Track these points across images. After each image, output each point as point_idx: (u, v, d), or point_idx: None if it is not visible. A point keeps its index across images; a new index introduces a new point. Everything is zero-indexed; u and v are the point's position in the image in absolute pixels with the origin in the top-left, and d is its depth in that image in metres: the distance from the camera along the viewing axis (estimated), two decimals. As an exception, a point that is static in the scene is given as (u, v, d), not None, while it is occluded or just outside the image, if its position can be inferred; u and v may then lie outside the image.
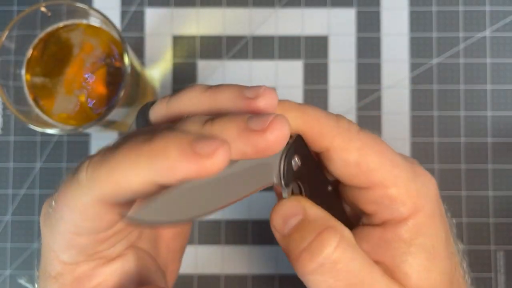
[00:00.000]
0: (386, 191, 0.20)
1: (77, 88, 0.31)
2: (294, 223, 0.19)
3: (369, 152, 0.20)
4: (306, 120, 0.20)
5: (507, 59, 0.39)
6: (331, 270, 0.19)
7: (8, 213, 0.39)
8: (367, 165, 0.20)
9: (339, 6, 0.40)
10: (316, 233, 0.19)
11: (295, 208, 0.19)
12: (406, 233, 0.20)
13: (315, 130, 0.20)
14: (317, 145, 0.20)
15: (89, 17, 0.30)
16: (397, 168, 0.20)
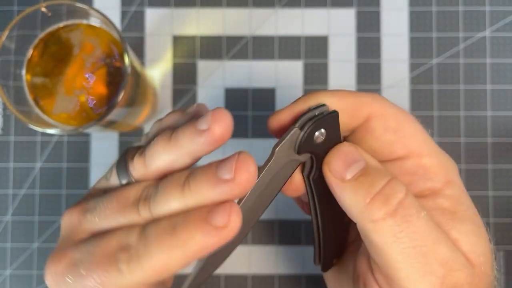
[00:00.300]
0: (420, 161, 0.21)
1: (77, 88, 0.31)
2: (359, 168, 0.19)
3: (405, 120, 0.21)
4: (342, 97, 0.21)
5: (507, 59, 0.40)
6: (404, 216, 0.18)
7: (8, 213, 0.39)
8: (405, 131, 0.21)
9: (339, 6, 0.40)
10: (387, 179, 0.19)
11: (357, 154, 0.20)
12: (447, 202, 0.21)
13: (355, 102, 0.21)
14: (358, 115, 0.21)
15: (89, 17, 0.30)
16: (429, 139, 0.21)
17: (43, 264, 0.39)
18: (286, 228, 0.39)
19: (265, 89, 0.40)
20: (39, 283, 0.39)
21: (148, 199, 0.18)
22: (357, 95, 0.21)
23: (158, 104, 0.40)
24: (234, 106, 0.40)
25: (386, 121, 0.21)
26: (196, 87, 0.40)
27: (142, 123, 0.38)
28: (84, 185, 0.39)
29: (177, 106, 0.40)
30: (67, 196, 0.39)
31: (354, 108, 0.21)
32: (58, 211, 0.39)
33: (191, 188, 0.17)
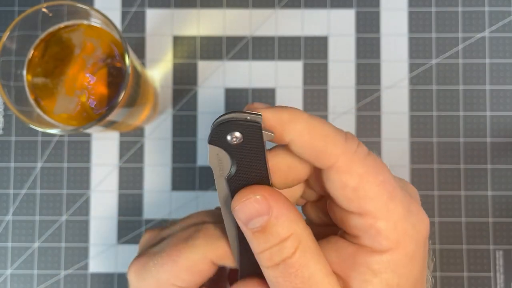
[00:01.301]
0: (375, 223, 0.20)
1: (78, 89, 0.31)
2: (259, 224, 0.20)
3: (370, 180, 0.20)
4: (313, 135, 0.20)
5: (506, 59, 0.40)
6: (283, 272, 0.20)
7: (9, 213, 0.39)
8: (365, 193, 0.20)
9: (339, 6, 0.40)
10: (279, 239, 0.20)
11: (262, 208, 0.20)
12: (377, 265, 0.20)
13: (321, 147, 0.20)
14: (320, 161, 0.20)
15: (90, 17, 0.31)
16: (393, 202, 0.20)
17: (44, 264, 0.39)
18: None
19: (265, 89, 0.40)
20: (39, 283, 0.39)
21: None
22: (327, 138, 0.20)
23: (159, 104, 0.40)
24: (234, 106, 0.40)
25: (347, 178, 0.20)
26: (196, 87, 0.40)
27: (142, 123, 0.39)
28: (85, 185, 0.39)
29: (177, 106, 0.40)
30: (68, 195, 0.39)
31: (317, 154, 0.20)
32: (59, 211, 0.39)
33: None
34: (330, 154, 0.20)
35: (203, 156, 0.40)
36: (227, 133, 0.20)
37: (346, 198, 0.20)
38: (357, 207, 0.20)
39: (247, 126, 0.20)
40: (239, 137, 0.20)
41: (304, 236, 0.20)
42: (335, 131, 0.20)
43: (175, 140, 0.40)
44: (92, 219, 0.39)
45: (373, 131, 0.39)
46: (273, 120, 0.20)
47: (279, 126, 0.20)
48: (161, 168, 0.40)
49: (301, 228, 0.20)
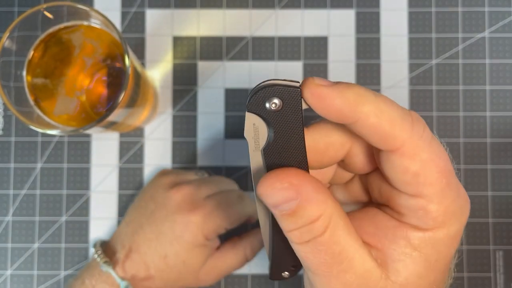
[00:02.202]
0: (427, 205, 0.20)
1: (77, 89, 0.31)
2: (287, 208, 0.20)
3: (431, 167, 0.20)
4: (380, 118, 0.19)
5: (506, 59, 0.40)
6: (313, 249, 0.20)
7: (9, 213, 0.39)
8: (425, 179, 0.20)
9: (339, 7, 0.40)
10: (309, 221, 0.19)
11: (290, 194, 0.19)
12: (418, 240, 0.20)
13: (387, 130, 0.19)
14: (384, 144, 0.20)
15: (89, 18, 0.31)
16: (448, 188, 0.20)
17: (44, 264, 0.39)
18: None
19: (265, 90, 0.40)
20: (39, 283, 0.39)
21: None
22: (394, 123, 0.19)
23: (158, 104, 0.40)
24: (234, 106, 0.40)
25: (410, 163, 0.20)
26: (196, 87, 0.40)
27: (142, 124, 0.39)
28: (85, 186, 0.39)
29: (177, 107, 0.40)
30: (68, 196, 0.39)
31: (383, 138, 0.20)
32: (59, 212, 0.39)
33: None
34: (396, 138, 0.19)
35: (203, 156, 0.40)
36: (266, 99, 0.20)
37: (404, 181, 0.20)
38: (414, 191, 0.20)
39: (287, 91, 0.20)
40: (278, 103, 0.20)
41: (334, 214, 0.20)
42: (402, 114, 0.20)
43: (175, 140, 0.40)
44: (92, 220, 0.39)
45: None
46: (339, 99, 0.19)
47: (345, 107, 0.19)
48: (160, 169, 0.40)
49: (331, 207, 0.20)
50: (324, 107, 0.20)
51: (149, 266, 0.34)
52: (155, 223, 0.34)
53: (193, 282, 0.35)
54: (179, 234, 0.34)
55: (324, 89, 0.19)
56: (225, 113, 0.40)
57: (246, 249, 0.37)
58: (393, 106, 0.20)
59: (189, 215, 0.34)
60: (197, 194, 0.35)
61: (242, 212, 0.36)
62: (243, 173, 0.40)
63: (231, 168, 0.39)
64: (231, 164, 0.40)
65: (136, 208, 0.36)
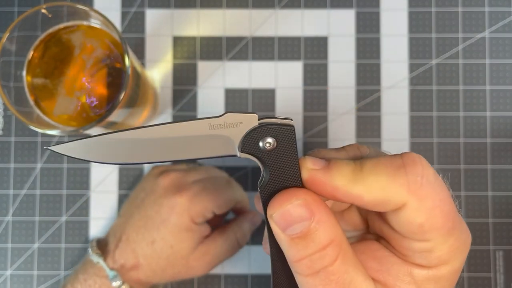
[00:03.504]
0: (432, 247, 0.20)
1: (77, 89, 0.31)
2: (299, 230, 0.19)
3: (437, 213, 0.19)
4: (373, 194, 0.19)
5: (506, 59, 0.40)
6: (324, 279, 0.19)
7: (9, 213, 0.39)
8: (430, 226, 0.19)
9: (339, 7, 0.40)
10: (321, 246, 0.19)
11: (304, 213, 0.19)
12: (421, 278, 0.20)
13: (384, 200, 0.19)
14: (386, 209, 0.19)
15: (89, 18, 0.31)
16: (454, 229, 0.20)
17: (44, 264, 0.39)
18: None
19: (265, 90, 0.40)
20: (39, 283, 0.39)
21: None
22: (386, 190, 0.19)
23: (158, 104, 0.40)
24: (234, 106, 0.40)
25: (415, 217, 0.19)
26: (196, 87, 0.40)
27: (142, 124, 0.39)
28: (85, 186, 0.39)
29: (177, 107, 0.40)
30: (68, 196, 0.39)
31: (384, 206, 0.19)
32: (59, 212, 0.39)
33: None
34: (395, 201, 0.19)
35: (203, 157, 0.40)
36: (260, 139, 0.20)
37: (410, 231, 0.20)
38: (419, 238, 0.20)
39: (281, 129, 0.20)
40: (272, 142, 0.20)
41: (343, 242, 0.19)
42: (394, 170, 0.19)
43: (175, 140, 0.40)
44: (92, 220, 0.39)
45: (373, 132, 0.39)
46: (330, 187, 0.19)
47: (337, 194, 0.19)
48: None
49: (341, 234, 0.19)
50: (318, 191, 0.20)
51: (137, 254, 0.33)
52: (144, 209, 0.34)
53: (183, 270, 0.34)
54: (165, 217, 0.33)
55: (317, 174, 0.19)
56: (225, 113, 0.40)
57: (236, 233, 0.36)
58: (381, 171, 0.19)
59: (175, 197, 0.33)
60: (184, 178, 0.35)
61: (230, 196, 0.35)
62: (243, 173, 0.39)
63: (231, 168, 0.39)
64: (231, 164, 0.40)
65: (128, 200, 0.37)
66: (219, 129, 0.20)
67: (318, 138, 0.39)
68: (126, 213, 0.35)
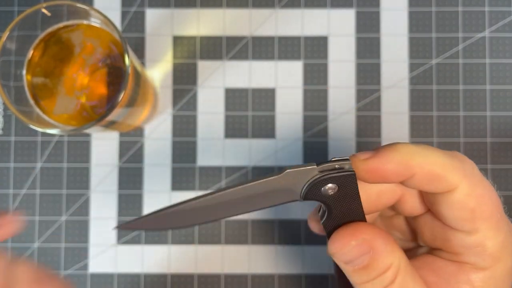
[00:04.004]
0: (484, 240, 0.20)
1: (77, 89, 0.31)
2: (361, 264, 0.20)
3: (487, 201, 0.20)
4: (433, 166, 0.20)
5: (506, 59, 0.40)
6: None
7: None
8: (481, 213, 0.20)
9: (339, 6, 0.40)
10: (381, 272, 0.20)
11: (364, 249, 0.20)
12: (480, 282, 0.21)
13: (442, 176, 0.20)
14: (441, 188, 0.20)
15: (89, 17, 0.31)
16: (503, 221, 0.21)
17: (44, 264, 0.39)
18: (285, 228, 0.39)
19: (265, 89, 0.40)
20: (39, 283, 0.39)
21: None
22: (445, 167, 0.20)
23: (158, 104, 0.40)
24: (234, 106, 0.40)
25: (467, 200, 0.20)
26: (196, 87, 0.40)
27: (142, 123, 0.39)
28: (84, 185, 0.39)
29: (177, 106, 0.40)
30: (68, 196, 0.39)
31: (440, 183, 0.20)
32: (59, 211, 0.39)
33: None
34: (452, 180, 0.20)
35: (203, 156, 0.40)
36: (321, 186, 0.20)
37: (462, 218, 0.20)
38: (471, 227, 0.20)
39: (342, 177, 0.20)
40: (334, 188, 0.20)
41: (402, 262, 0.21)
42: (450, 158, 0.20)
43: (175, 140, 0.40)
44: (92, 219, 0.39)
45: (373, 131, 0.39)
46: (390, 165, 0.20)
47: (399, 168, 0.20)
48: (161, 168, 0.40)
49: (399, 256, 0.21)
50: (381, 177, 0.20)
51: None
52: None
53: None
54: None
55: (373, 162, 0.20)
56: (225, 113, 0.40)
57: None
58: (438, 152, 0.20)
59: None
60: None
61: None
62: (243, 173, 0.39)
63: (231, 168, 0.39)
64: (231, 164, 0.40)
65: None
66: (281, 184, 0.21)
67: (318, 137, 0.39)
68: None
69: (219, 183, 0.39)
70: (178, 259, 0.39)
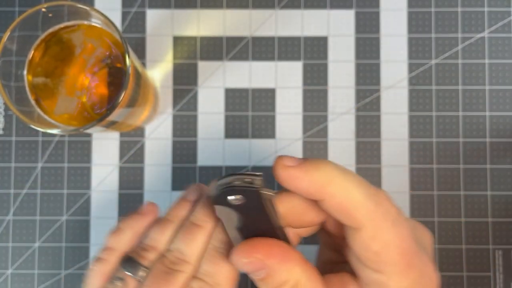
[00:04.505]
0: (387, 282, 0.21)
1: (78, 89, 0.31)
2: (258, 276, 0.22)
3: (393, 249, 0.20)
4: (344, 199, 0.20)
5: (505, 59, 0.40)
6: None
7: (10, 213, 0.39)
8: (385, 259, 0.20)
9: (339, 7, 0.40)
10: (278, 285, 0.22)
11: (257, 266, 0.21)
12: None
13: (350, 211, 0.20)
14: (348, 222, 0.21)
15: (90, 18, 0.31)
16: (410, 269, 0.21)
17: (44, 264, 0.39)
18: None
19: (265, 89, 0.40)
20: (40, 283, 0.39)
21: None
22: (357, 205, 0.20)
23: (159, 104, 0.40)
24: (234, 106, 0.40)
25: (371, 243, 0.20)
26: (196, 87, 0.40)
27: (142, 123, 0.39)
28: (85, 185, 0.39)
29: (178, 106, 0.40)
30: (68, 195, 0.39)
31: (345, 217, 0.21)
32: (59, 211, 0.39)
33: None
34: (358, 219, 0.20)
35: (203, 156, 0.40)
36: (229, 195, 0.21)
37: (366, 257, 0.21)
38: (375, 267, 0.21)
39: (246, 190, 0.21)
40: (240, 199, 0.21)
41: (302, 278, 0.22)
42: (367, 196, 0.20)
43: (175, 140, 0.40)
44: (92, 219, 0.39)
45: (373, 131, 0.40)
46: (306, 181, 0.20)
47: (311, 188, 0.20)
48: (161, 168, 0.40)
49: (298, 273, 0.22)
50: (293, 188, 0.21)
51: None
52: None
53: None
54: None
55: (292, 171, 0.21)
56: (225, 113, 0.40)
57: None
58: (359, 187, 0.20)
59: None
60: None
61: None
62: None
63: (231, 168, 0.40)
64: (231, 164, 0.40)
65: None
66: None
67: (318, 137, 0.40)
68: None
69: (219, 183, 0.39)
70: (178, 258, 0.39)
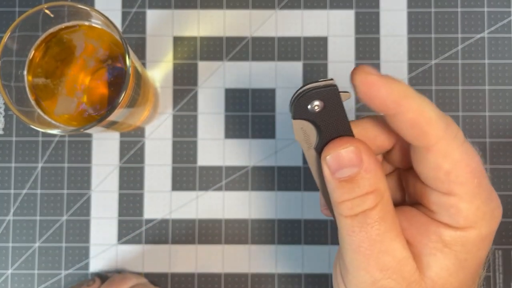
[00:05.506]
0: (458, 203, 0.21)
1: (78, 89, 0.31)
2: (347, 174, 0.21)
3: (463, 166, 0.20)
4: (419, 114, 0.20)
5: (505, 60, 0.40)
6: (361, 222, 0.21)
7: (10, 213, 0.39)
8: (456, 177, 0.20)
9: (339, 7, 0.40)
10: (364, 192, 0.21)
11: (354, 159, 0.21)
12: (449, 238, 0.21)
13: (424, 127, 0.20)
14: (419, 140, 0.21)
15: (90, 18, 0.31)
16: (479, 188, 0.21)
17: (44, 264, 0.39)
18: (285, 227, 0.39)
19: (265, 90, 0.40)
20: (40, 283, 0.39)
21: None
22: (431, 121, 0.20)
23: (159, 104, 0.40)
24: (234, 106, 0.40)
25: (442, 162, 0.20)
26: (196, 87, 0.40)
27: (142, 124, 0.39)
28: (85, 185, 0.40)
29: (178, 107, 0.40)
30: (68, 195, 0.39)
31: (418, 134, 0.20)
32: (59, 211, 0.39)
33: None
34: (431, 136, 0.20)
35: (203, 156, 0.40)
36: (307, 103, 0.21)
37: (437, 178, 0.21)
38: (446, 188, 0.21)
39: (324, 91, 0.21)
40: (319, 104, 0.21)
41: (385, 194, 0.21)
42: (439, 115, 0.20)
43: (175, 140, 0.40)
44: (92, 219, 0.39)
45: (373, 131, 0.40)
46: (385, 90, 0.20)
47: (389, 97, 0.20)
48: (161, 168, 0.40)
49: (384, 187, 0.21)
50: (370, 95, 0.20)
51: None
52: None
53: None
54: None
55: (373, 78, 0.20)
56: (225, 113, 0.40)
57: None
58: (432, 106, 0.20)
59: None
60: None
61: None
62: (243, 173, 0.40)
63: (231, 167, 0.40)
64: (231, 164, 0.40)
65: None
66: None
67: (318, 138, 0.40)
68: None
69: (219, 183, 0.40)
70: (178, 258, 0.39)
